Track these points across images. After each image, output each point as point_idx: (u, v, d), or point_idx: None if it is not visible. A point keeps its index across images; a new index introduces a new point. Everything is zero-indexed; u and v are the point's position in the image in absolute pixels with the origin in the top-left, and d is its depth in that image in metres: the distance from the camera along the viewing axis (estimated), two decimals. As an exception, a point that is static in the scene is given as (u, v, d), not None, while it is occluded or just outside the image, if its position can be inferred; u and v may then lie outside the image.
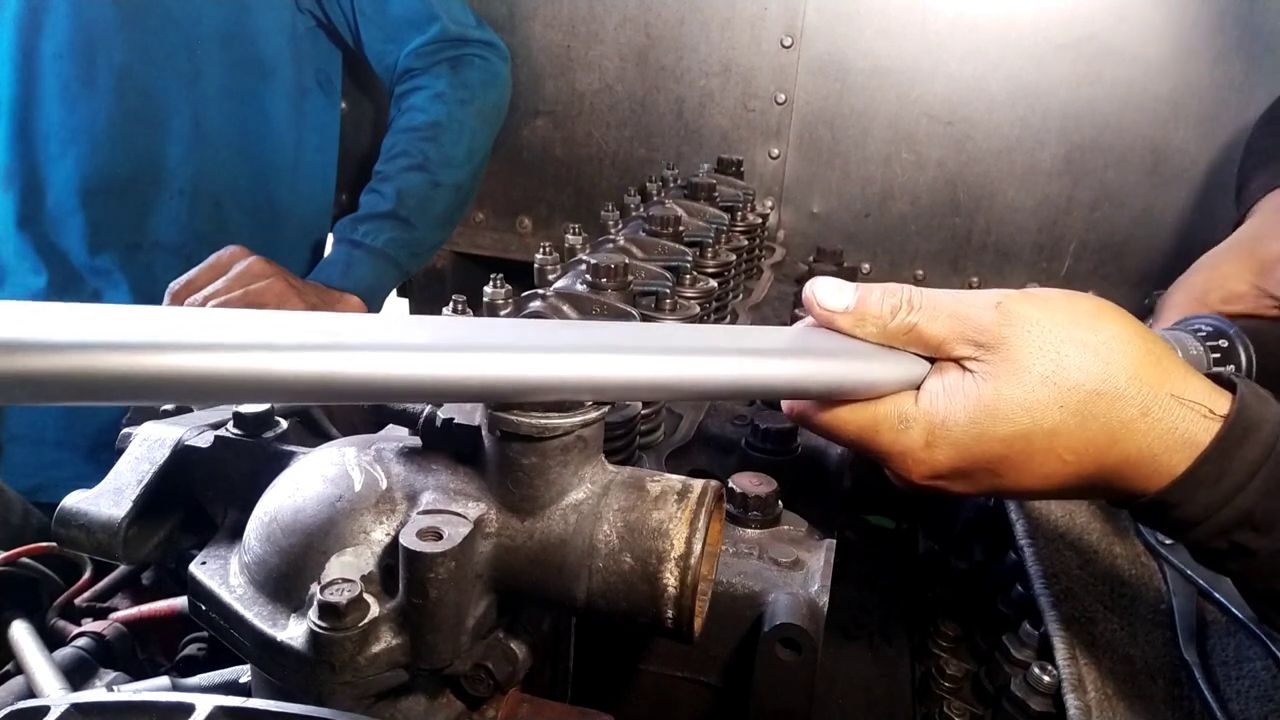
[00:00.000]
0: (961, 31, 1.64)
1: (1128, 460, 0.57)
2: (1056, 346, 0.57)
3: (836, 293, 0.61)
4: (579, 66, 1.84)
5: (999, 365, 0.57)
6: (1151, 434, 0.56)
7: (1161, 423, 0.56)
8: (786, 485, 0.77)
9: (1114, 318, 0.59)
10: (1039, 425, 0.57)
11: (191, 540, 0.67)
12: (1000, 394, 0.57)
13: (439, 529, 0.49)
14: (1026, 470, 0.58)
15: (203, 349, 0.41)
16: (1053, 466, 0.58)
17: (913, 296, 0.60)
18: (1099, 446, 0.57)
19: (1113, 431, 0.56)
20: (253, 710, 0.47)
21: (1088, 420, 0.56)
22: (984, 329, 0.58)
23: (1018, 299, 0.59)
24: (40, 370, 0.37)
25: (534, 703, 0.59)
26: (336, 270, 1.57)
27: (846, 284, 0.61)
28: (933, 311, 0.59)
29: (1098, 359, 0.56)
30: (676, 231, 1.09)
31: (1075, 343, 0.57)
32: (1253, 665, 0.75)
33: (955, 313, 0.59)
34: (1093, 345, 0.57)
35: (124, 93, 1.47)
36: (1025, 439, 0.57)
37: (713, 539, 0.55)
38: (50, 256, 1.50)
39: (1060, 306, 0.59)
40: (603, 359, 0.50)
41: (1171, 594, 0.84)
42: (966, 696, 0.83)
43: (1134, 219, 1.67)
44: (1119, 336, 0.57)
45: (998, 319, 0.58)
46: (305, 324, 0.44)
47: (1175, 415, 0.56)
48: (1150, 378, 0.56)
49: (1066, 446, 0.57)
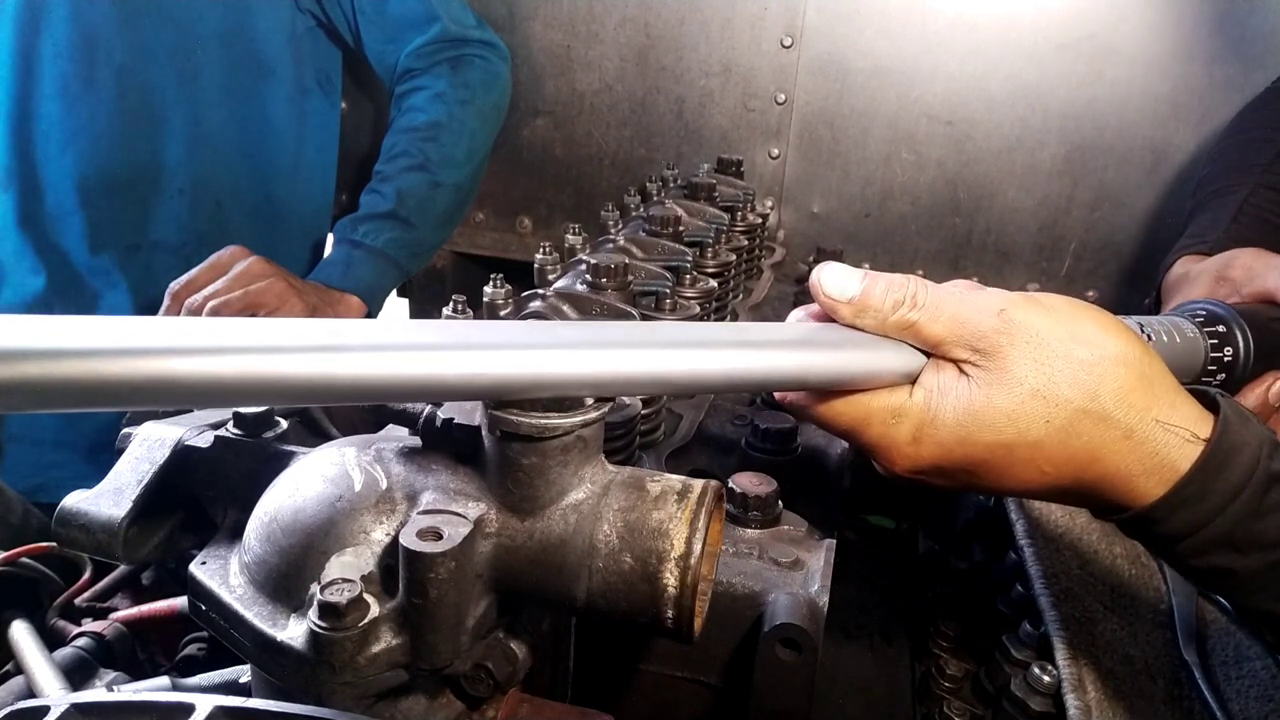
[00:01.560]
0: (961, 31, 1.64)
1: (1105, 478, 0.58)
2: (1051, 362, 0.57)
3: (843, 281, 0.61)
4: (579, 66, 1.84)
5: (994, 373, 0.58)
6: (1132, 456, 0.57)
7: (1143, 446, 0.57)
8: (786, 485, 0.77)
9: (1114, 335, 0.59)
10: (1023, 437, 0.57)
11: (191, 540, 0.67)
12: (990, 402, 0.58)
13: (439, 529, 0.49)
14: (1005, 475, 0.60)
15: (205, 353, 0.41)
16: (1031, 476, 0.59)
17: (917, 293, 0.60)
18: (1079, 463, 0.58)
19: (1094, 450, 0.57)
20: (253, 710, 0.47)
21: (1071, 438, 0.57)
22: (984, 336, 0.58)
23: (1022, 307, 0.59)
24: (44, 377, 0.37)
25: (534, 703, 0.59)
26: (337, 270, 1.57)
27: (855, 272, 0.61)
28: (935, 311, 0.59)
29: (1090, 378, 0.57)
30: (676, 231, 1.09)
31: (1069, 360, 0.57)
32: (1253, 665, 0.75)
33: (957, 316, 0.59)
34: (1087, 363, 0.57)
35: (123, 92, 1.47)
36: (1008, 448, 0.58)
37: (713, 539, 0.55)
38: (49, 256, 1.50)
39: (1063, 319, 0.59)
40: (601, 354, 0.51)
41: (1171, 594, 0.84)
42: (966, 696, 0.83)
43: (1134, 219, 1.67)
44: (1114, 358, 0.58)
45: (998, 327, 0.58)
46: (304, 328, 0.44)
47: (1158, 440, 0.57)
48: (1138, 401, 0.57)
49: (1047, 459, 0.58)
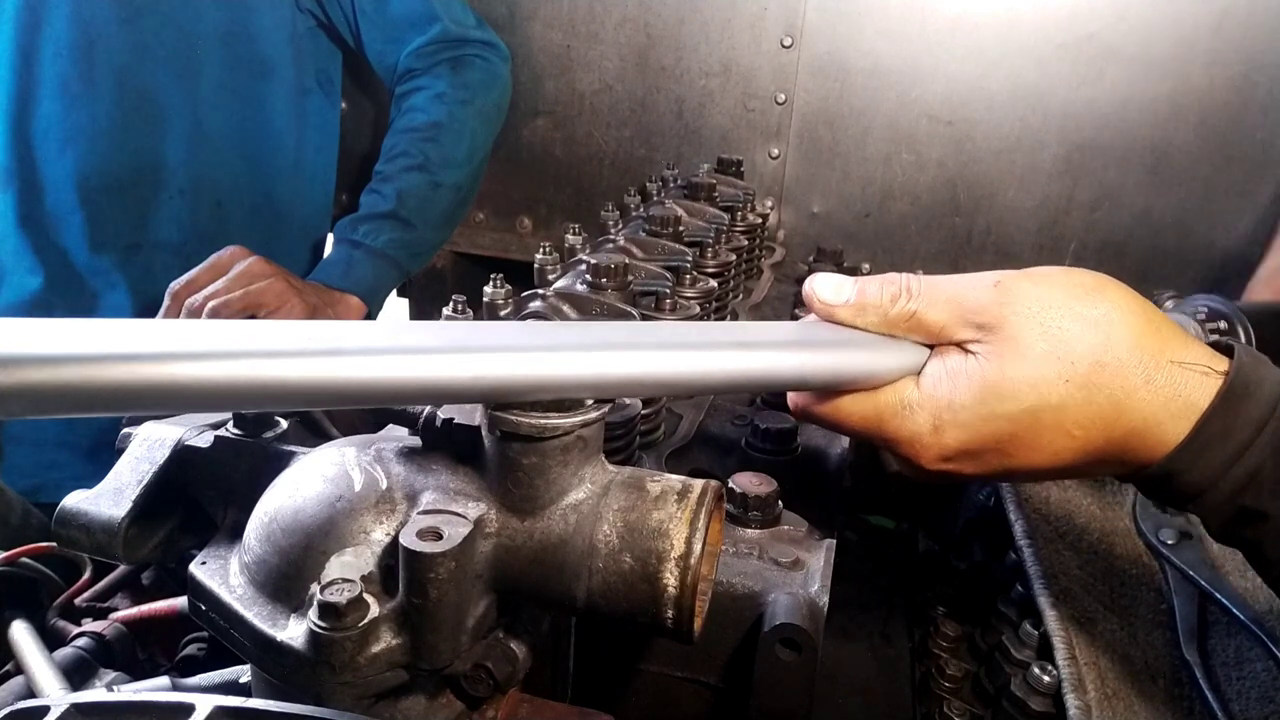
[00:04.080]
0: (961, 31, 1.64)
1: (1134, 430, 0.57)
2: (1057, 321, 0.57)
3: (836, 287, 0.62)
4: (579, 66, 1.84)
5: (1001, 345, 0.58)
6: (1155, 401, 0.56)
7: (1164, 390, 0.56)
8: (786, 485, 0.77)
9: (1112, 291, 0.59)
10: (1046, 400, 0.57)
11: (191, 540, 0.67)
12: (1005, 373, 0.57)
13: (439, 529, 0.49)
14: (1036, 448, 0.59)
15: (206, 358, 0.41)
16: (1062, 443, 0.58)
17: (911, 284, 0.60)
18: (1105, 419, 0.57)
19: (1118, 402, 0.56)
20: (253, 710, 0.47)
21: (1093, 392, 0.56)
22: (984, 309, 0.58)
23: (1016, 277, 0.59)
24: (43, 384, 0.37)
25: (534, 703, 0.59)
26: (337, 271, 1.57)
27: (846, 278, 0.62)
28: (932, 296, 0.60)
29: (1098, 331, 0.57)
30: (676, 231, 1.09)
31: (1075, 316, 0.57)
32: (1253, 666, 0.75)
33: (954, 296, 0.60)
34: (1092, 319, 0.57)
35: (123, 92, 1.47)
36: (1033, 414, 0.57)
37: (713, 539, 0.55)
38: (49, 256, 1.50)
39: (1058, 282, 0.59)
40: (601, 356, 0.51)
41: (1172, 594, 0.84)
42: (966, 696, 0.82)
43: (1134, 219, 1.67)
44: (1118, 308, 0.58)
45: (997, 298, 0.58)
46: (303, 331, 0.44)
47: (1178, 381, 0.56)
48: (1151, 346, 0.57)
49: (1074, 421, 0.57)
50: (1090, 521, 0.93)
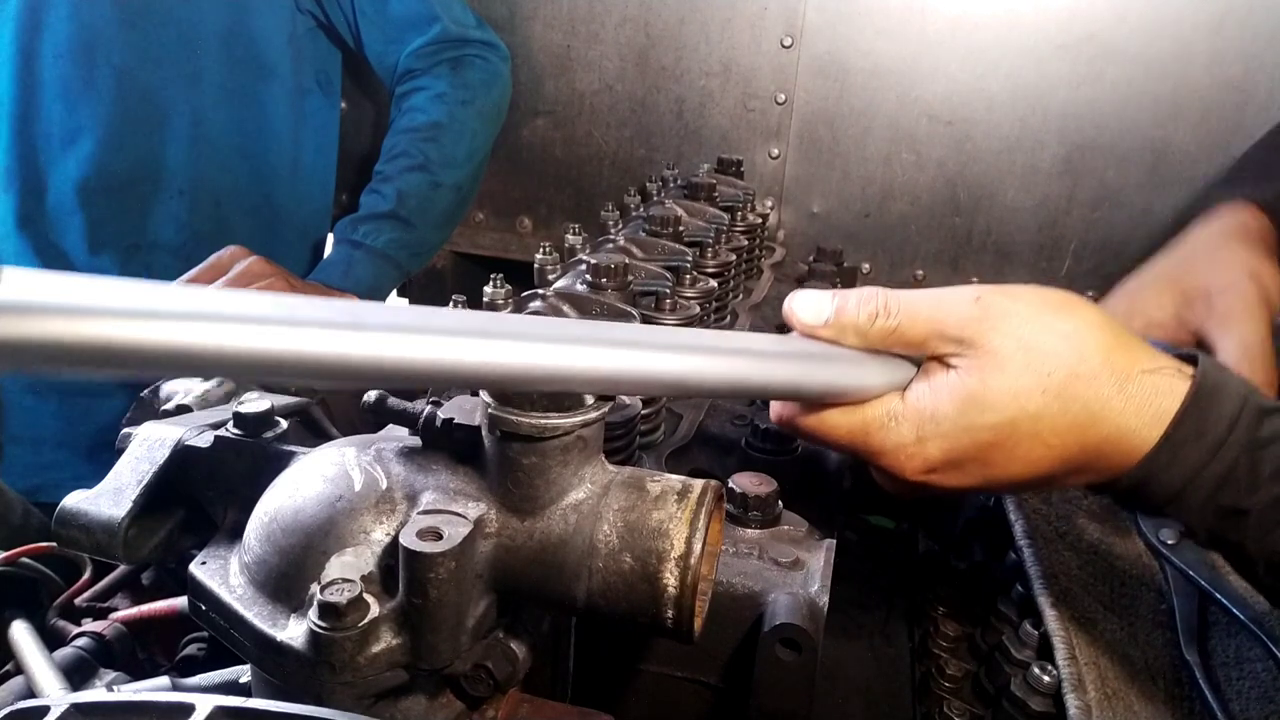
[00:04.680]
0: (961, 31, 1.63)
1: (1108, 438, 0.59)
2: (1033, 335, 0.59)
3: (815, 306, 0.63)
4: (579, 66, 1.84)
5: (981, 358, 0.59)
6: (1129, 409, 0.58)
7: (1137, 398, 0.58)
8: (786, 485, 0.77)
9: (1080, 307, 0.62)
10: (1024, 411, 0.59)
11: (191, 540, 0.67)
12: (986, 384, 0.59)
13: (439, 529, 0.49)
14: (1015, 457, 0.60)
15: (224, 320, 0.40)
16: (1039, 452, 0.60)
17: (888, 301, 0.61)
18: (1080, 427, 0.59)
19: (1093, 411, 0.58)
20: (253, 710, 0.47)
21: (1069, 402, 0.58)
22: (963, 324, 0.60)
23: (994, 293, 0.61)
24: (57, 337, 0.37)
25: (534, 703, 0.59)
26: (337, 271, 1.57)
27: (825, 296, 0.63)
28: (911, 313, 0.61)
29: (1071, 343, 0.59)
30: (676, 231, 1.09)
31: (1050, 330, 0.59)
32: (1254, 666, 0.75)
33: (934, 313, 0.61)
34: (1064, 332, 0.59)
35: (124, 93, 1.47)
36: (1012, 425, 0.59)
37: (713, 539, 0.55)
38: (50, 257, 1.50)
39: (1031, 299, 0.61)
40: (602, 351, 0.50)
41: (1172, 594, 0.84)
42: (966, 696, 0.82)
43: (1134, 219, 1.67)
44: (1088, 323, 0.60)
45: (976, 314, 0.60)
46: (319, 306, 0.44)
47: (1149, 388, 0.58)
48: (1121, 357, 0.59)
49: (1051, 430, 0.59)
50: (1090, 522, 0.93)
